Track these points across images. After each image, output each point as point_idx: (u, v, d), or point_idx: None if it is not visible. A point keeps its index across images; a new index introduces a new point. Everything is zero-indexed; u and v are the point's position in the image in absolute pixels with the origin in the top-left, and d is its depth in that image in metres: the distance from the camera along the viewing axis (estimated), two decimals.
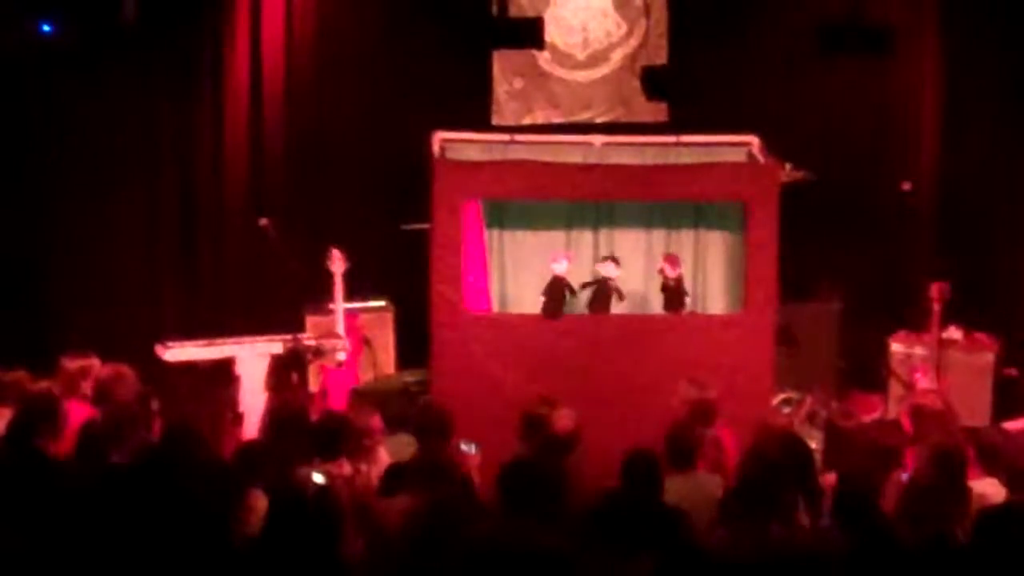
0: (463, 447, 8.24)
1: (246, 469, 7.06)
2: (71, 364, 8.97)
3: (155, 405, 8.47)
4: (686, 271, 11.74)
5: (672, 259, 11.48)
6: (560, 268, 11.34)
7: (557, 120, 13.54)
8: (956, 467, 7.35)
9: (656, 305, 11.68)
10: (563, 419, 8.36)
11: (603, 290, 11.38)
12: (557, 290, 11.28)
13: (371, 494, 7.22)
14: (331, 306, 11.72)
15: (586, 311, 11.38)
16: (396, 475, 7.31)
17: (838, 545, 5.95)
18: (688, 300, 11.58)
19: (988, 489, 7.40)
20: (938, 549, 5.68)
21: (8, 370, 8.69)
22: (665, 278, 11.44)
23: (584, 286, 11.40)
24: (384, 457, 8.24)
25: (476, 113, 13.20)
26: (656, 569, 5.35)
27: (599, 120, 13.52)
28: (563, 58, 13.59)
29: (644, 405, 9.89)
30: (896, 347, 12.22)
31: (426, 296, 10.86)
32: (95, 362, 9.00)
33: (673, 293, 11.41)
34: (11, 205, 12.47)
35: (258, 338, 11.03)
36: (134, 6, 11.93)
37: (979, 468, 7.69)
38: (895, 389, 12.00)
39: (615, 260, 11.44)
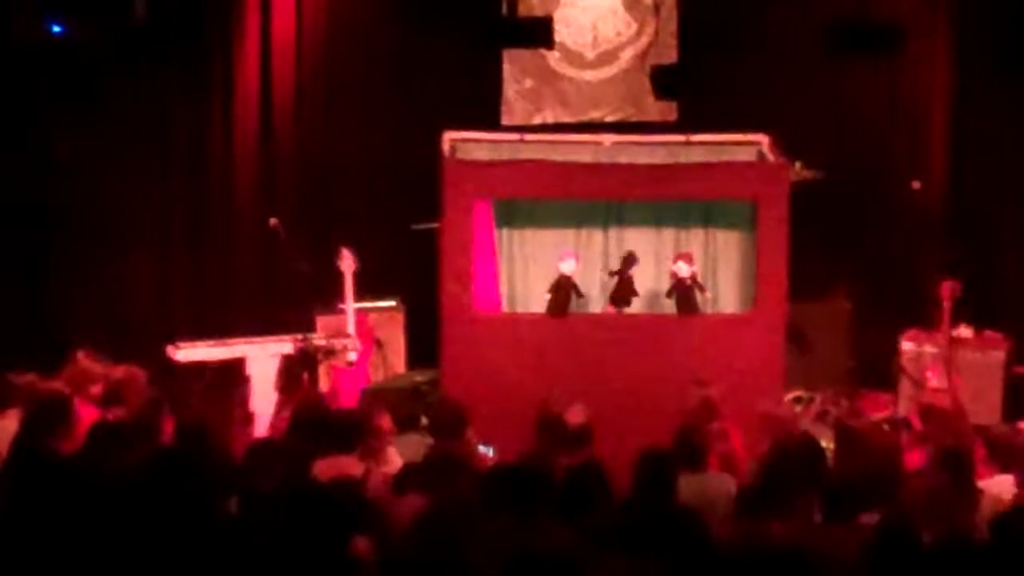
0: (481, 449, 8.26)
1: (257, 467, 7.06)
2: (85, 362, 9.00)
3: (166, 407, 8.47)
4: (695, 270, 11.76)
5: (687, 256, 11.48)
6: (567, 267, 11.36)
7: (567, 119, 13.53)
8: (963, 466, 7.35)
9: (667, 304, 11.69)
10: (575, 414, 8.38)
11: (563, 287, 11.40)
12: (563, 289, 11.29)
13: (382, 494, 7.23)
14: (341, 306, 11.73)
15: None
16: (408, 474, 7.31)
17: (852, 545, 5.95)
18: (708, 295, 11.59)
19: (1003, 487, 7.39)
20: (954, 549, 5.67)
21: (19, 372, 8.70)
22: (678, 279, 11.43)
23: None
24: (394, 457, 8.26)
25: (486, 113, 13.21)
26: (671, 570, 5.34)
27: (609, 119, 13.51)
28: (573, 57, 13.58)
29: (655, 404, 9.90)
30: (907, 346, 12.21)
31: (436, 296, 10.87)
32: (107, 367, 9.02)
33: (687, 292, 11.41)
34: (22, 205, 12.49)
35: (268, 338, 11.05)
36: (144, 6, 11.94)
37: (992, 466, 7.69)
38: (906, 388, 12.00)
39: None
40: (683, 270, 11.41)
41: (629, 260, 11.56)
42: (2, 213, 12.40)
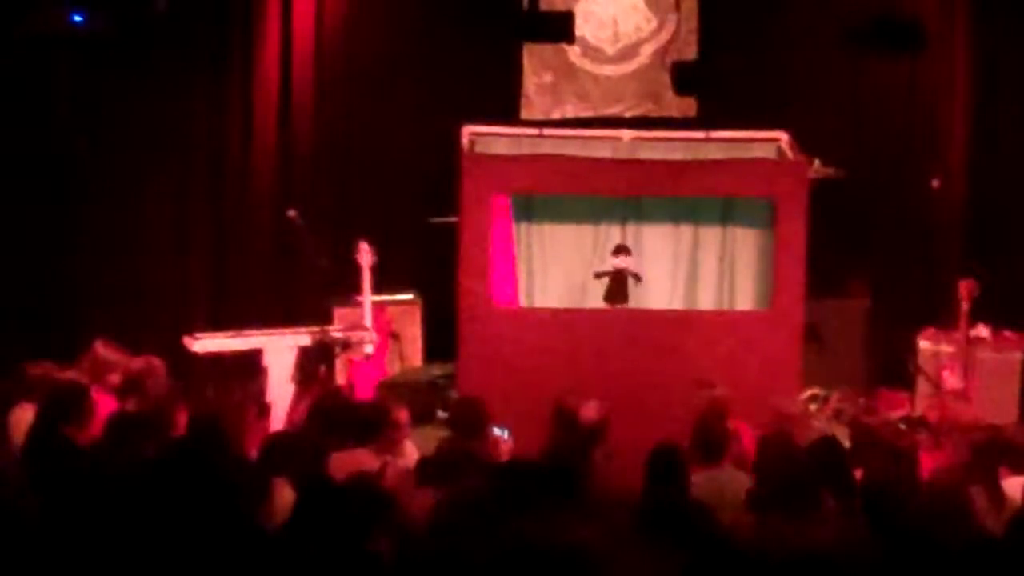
0: (496, 431, 8.26)
1: (274, 460, 7.07)
2: (103, 352, 9.02)
3: (183, 398, 8.50)
4: (713, 267, 11.76)
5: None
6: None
7: (586, 114, 13.52)
8: (983, 464, 7.33)
9: (681, 301, 11.71)
10: (590, 410, 8.39)
11: (619, 279, 11.38)
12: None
13: (399, 487, 7.23)
14: (359, 299, 11.74)
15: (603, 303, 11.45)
16: (426, 468, 7.32)
17: (869, 542, 5.94)
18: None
19: (1015, 489, 7.37)
20: (972, 548, 5.65)
21: (36, 362, 8.73)
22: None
23: (598, 275, 11.40)
24: (411, 450, 8.27)
25: (505, 107, 13.22)
26: (686, 565, 5.34)
27: (628, 115, 13.49)
28: (593, 52, 13.57)
29: (670, 400, 9.88)
30: (924, 344, 12.17)
31: (454, 290, 10.88)
32: (125, 357, 9.04)
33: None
34: (41, 197, 12.50)
35: (286, 330, 11.05)
36: None
37: (1005, 467, 7.67)
38: (923, 387, 11.95)
39: (627, 251, 11.47)
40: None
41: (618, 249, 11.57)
42: (20, 204, 12.40)
